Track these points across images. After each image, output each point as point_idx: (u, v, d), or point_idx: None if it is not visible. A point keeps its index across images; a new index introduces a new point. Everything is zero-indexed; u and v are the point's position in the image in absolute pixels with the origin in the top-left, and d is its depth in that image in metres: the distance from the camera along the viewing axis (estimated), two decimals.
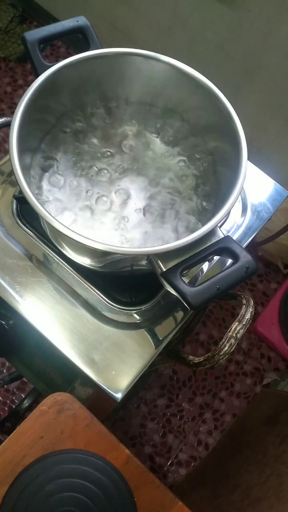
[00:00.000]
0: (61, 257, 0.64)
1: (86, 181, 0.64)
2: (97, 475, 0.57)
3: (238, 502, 0.96)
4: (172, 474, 1.28)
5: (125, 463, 0.59)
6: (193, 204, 0.64)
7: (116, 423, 1.31)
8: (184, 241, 0.48)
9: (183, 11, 1.28)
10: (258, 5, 1.12)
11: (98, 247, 0.48)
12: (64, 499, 0.56)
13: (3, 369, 1.32)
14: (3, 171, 0.70)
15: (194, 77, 0.59)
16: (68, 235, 0.48)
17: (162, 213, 0.63)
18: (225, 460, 1.20)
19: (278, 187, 0.74)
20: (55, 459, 0.57)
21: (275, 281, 1.55)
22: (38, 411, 0.60)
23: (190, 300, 0.47)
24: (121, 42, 1.58)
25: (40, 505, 0.55)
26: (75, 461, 0.58)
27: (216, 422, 1.35)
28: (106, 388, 0.57)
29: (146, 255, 0.50)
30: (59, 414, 0.60)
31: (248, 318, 0.55)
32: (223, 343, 0.54)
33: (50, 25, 0.60)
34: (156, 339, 0.61)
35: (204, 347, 1.43)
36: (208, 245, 0.50)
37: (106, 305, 0.62)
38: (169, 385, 1.37)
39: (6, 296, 0.61)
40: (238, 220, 0.71)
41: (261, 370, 1.43)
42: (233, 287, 0.48)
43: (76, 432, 0.60)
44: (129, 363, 0.59)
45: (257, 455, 1.05)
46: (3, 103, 1.71)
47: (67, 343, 0.59)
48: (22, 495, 0.55)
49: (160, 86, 0.63)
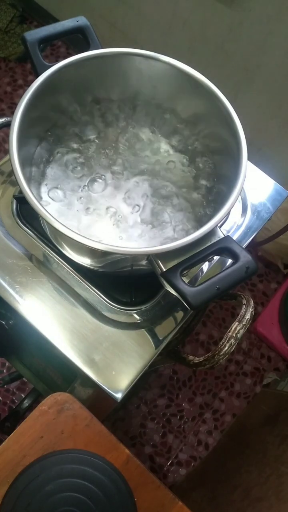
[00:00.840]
0: (61, 257, 0.64)
1: (85, 180, 0.64)
2: (97, 475, 0.57)
3: (238, 502, 0.95)
4: (172, 474, 1.28)
5: (125, 463, 0.59)
6: (193, 204, 0.64)
7: (116, 423, 1.31)
8: (184, 241, 0.48)
9: (183, 11, 1.28)
10: (258, 5, 1.12)
11: (98, 247, 0.48)
12: (64, 499, 0.56)
13: (3, 369, 1.32)
14: (3, 171, 0.70)
15: (194, 77, 0.59)
16: (68, 235, 0.48)
17: (162, 213, 0.63)
18: (225, 460, 1.20)
19: (278, 187, 0.74)
20: (55, 459, 0.57)
21: (275, 281, 1.55)
22: (38, 411, 0.60)
23: (190, 300, 0.47)
24: (121, 42, 1.58)
25: (40, 505, 0.55)
26: (75, 461, 0.58)
27: (216, 422, 1.35)
28: (106, 388, 0.57)
29: (146, 255, 0.50)
30: (59, 414, 0.60)
31: (248, 318, 0.55)
32: (223, 343, 0.54)
33: (50, 25, 0.60)
34: (156, 339, 0.61)
35: (204, 347, 1.43)
36: (208, 245, 0.50)
37: (106, 305, 0.62)
38: (169, 385, 1.37)
39: (6, 296, 0.61)
40: (238, 220, 0.71)
41: (261, 370, 1.43)
42: (233, 287, 0.48)
43: (76, 432, 0.60)
44: (129, 363, 0.59)
45: (257, 455, 1.05)
46: (3, 103, 1.71)
47: (67, 343, 0.59)
48: (22, 495, 0.55)
49: (160, 86, 0.63)
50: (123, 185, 0.65)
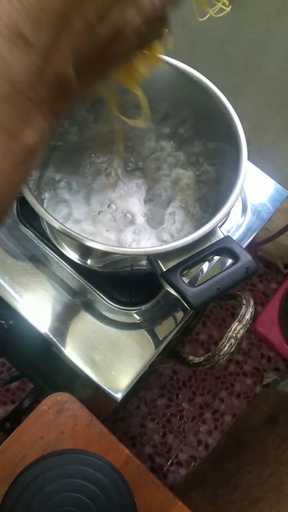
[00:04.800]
0: (61, 257, 0.64)
1: (85, 179, 0.64)
2: (97, 475, 0.57)
3: (238, 502, 0.96)
4: (172, 474, 1.28)
5: (125, 463, 0.59)
6: (193, 204, 0.64)
7: (116, 423, 1.31)
8: (184, 241, 0.48)
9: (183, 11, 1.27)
10: (258, 5, 1.12)
11: (98, 247, 0.48)
12: (64, 499, 0.56)
13: (3, 369, 1.32)
14: None
15: (194, 77, 0.59)
16: (68, 235, 0.48)
17: (162, 213, 0.63)
18: (225, 460, 1.20)
19: (278, 187, 0.74)
20: (55, 459, 0.57)
21: (275, 281, 1.55)
22: (38, 411, 0.60)
23: (190, 300, 0.47)
24: None
25: (40, 505, 0.55)
26: (75, 461, 0.58)
27: (216, 422, 1.35)
28: (106, 388, 0.57)
29: (146, 255, 0.50)
30: (59, 414, 0.60)
31: (248, 318, 0.55)
32: (223, 343, 0.54)
33: None
34: (156, 339, 0.61)
35: (204, 347, 1.43)
36: (208, 245, 0.50)
37: (106, 305, 0.62)
38: (169, 385, 1.37)
39: (6, 296, 0.61)
40: (238, 220, 0.71)
41: (261, 370, 1.43)
42: (233, 287, 0.48)
43: (76, 432, 0.60)
44: (129, 363, 0.59)
45: (257, 455, 1.05)
46: None
47: (67, 343, 0.59)
48: (22, 495, 0.55)
49: (159, 86, 0.63)
50: (122, 185, 0.65)
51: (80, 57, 0.23)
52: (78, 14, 0.22)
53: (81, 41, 0.23)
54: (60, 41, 0.22)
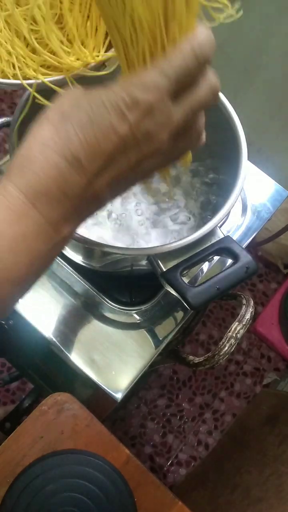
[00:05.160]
0: (61, 257, 0.64)
1: None
2: (97, 475, 0.57)
3: (238, 502, 0.95)
4: (172, 474, 1.28)
5: (125, 463, 0.59)
6: (193, 204, 0.64)
7: (116, 423, 1.31)
8: (184, 241, 0.48)
9: None
10: (258, 5, 1.12)
11: (98, 247, 0.48)
12: (64, 499, 0.56)
13: (3, 369, 1.32)
14: (3, 171, 0.70)
15: None
16: None
17: (162, 214, 0.63)
18: (225, 460, 1.20)
19: (278, 187, 0.74)
20: (55, 459, 0.57)
21: (275, 281, 1.55)
22: (38, 411, 0.60)
23: (190, 300, 0.47)
24: None
25: (40, 505, 0.55)
26: (75, 461, 0.58)
27: (216, 422, 1.35)
28: (106, 388, 0.57)
29: (146, 255, 0.50)
30: (59, 414, 0.60)
31: (248, 318, 0.55)
32: (223, 343, 0.54)
33: None
34: (156, 339, 0.61)
35: (204, 347, 1.43)
36: (208, 245, 0.50)
37: (106, 305, 0.62)
38: (169, 385, 1.37)
39: None
40: (238, 220, 0.71)
41: (261, 370, 1.43)
42: (233, 287, 0.48)
43: (76, 432, 0.60)
44: (129, 363, 0.59)
45: (257, 455, 1.05)
46: (3, 103, 1.71)
47: (67, 343, 0.59)
48: (22, 495, 0.55)
49: None
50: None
51: (115, 181, 0.31)
52: (123, 158, 0.30)
53: (120, 174, 0.31)
54: (104, 173, 0.30)
